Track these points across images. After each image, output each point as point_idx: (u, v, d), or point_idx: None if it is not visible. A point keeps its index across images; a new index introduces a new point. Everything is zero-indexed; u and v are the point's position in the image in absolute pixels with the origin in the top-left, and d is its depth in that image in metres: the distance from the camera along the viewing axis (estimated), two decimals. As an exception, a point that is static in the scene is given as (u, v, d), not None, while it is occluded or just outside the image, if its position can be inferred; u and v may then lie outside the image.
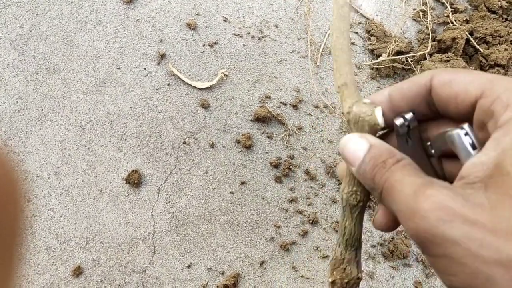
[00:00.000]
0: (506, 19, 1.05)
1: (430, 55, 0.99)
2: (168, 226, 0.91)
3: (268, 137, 0.98)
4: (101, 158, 0.93)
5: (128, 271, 0.88)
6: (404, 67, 1.00)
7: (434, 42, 1.00)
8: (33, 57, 0.97)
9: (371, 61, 1.02)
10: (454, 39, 0.98)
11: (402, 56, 0.99)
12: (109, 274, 0.88)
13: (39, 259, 0.88)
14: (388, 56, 0.98)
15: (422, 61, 0.99)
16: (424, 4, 1.04)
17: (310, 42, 1.02)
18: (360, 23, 1.08)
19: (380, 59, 1.00)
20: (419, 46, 1.02)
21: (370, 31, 1.05)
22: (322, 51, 1.04)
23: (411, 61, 0.99)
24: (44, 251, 0.88)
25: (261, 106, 0.98)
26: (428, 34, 1.02)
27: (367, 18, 1.08)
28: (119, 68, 0.98)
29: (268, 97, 1.00)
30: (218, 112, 0.98)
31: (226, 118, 0.98)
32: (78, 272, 0.87)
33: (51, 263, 0.88)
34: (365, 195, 0.35)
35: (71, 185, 0.92)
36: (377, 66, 1.01)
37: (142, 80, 0.98)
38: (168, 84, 0.99)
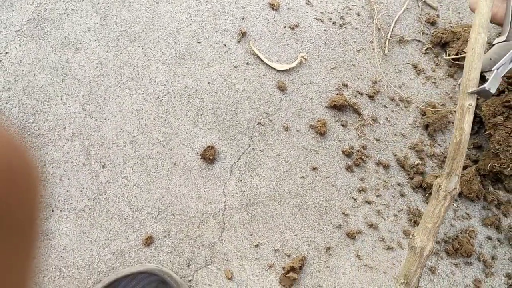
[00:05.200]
0: None
1: (512, 58, 0.98)
2: (238, 204, 0.92)
3: (342, 125, 0.98)
4: (177, 131, 0.94)
5: (197, 245, 0.89)
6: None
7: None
8: (114, 23, 0.97)
9: (448, 55, 1.02)
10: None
11: (483, 56, 0.98)
12: (179, 246, 0.89)
13: (111, 225, 0.89)
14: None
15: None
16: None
17: (379, 29, 1.01)
18: (433, 23, 1.07)
19: (452, 55, 0.99)
20: (499, 48, 1.01)
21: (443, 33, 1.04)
22: (389, 38, 1.03)
23: (491, 62, 0.99)
24: (117, 218, 0.89)
25: (338, 94, 0.98)
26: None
27: (431, 7, 1.07)
28: (199, 42, 0.98)
29: (345, 85, 0.99)
30: (294, 96, 0.98)
31: (301, 103, 0.98)
32: (149, 241, 0.88)
33: (123, 230, 0.89)
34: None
35: (145, 155, 0.92)
36: (457, 62, 1.01)
37: (221, 56, 0.98)
38: (247, 63, 0.98)
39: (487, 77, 0.69)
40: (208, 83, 0.96)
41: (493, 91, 0.67)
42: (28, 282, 0.21)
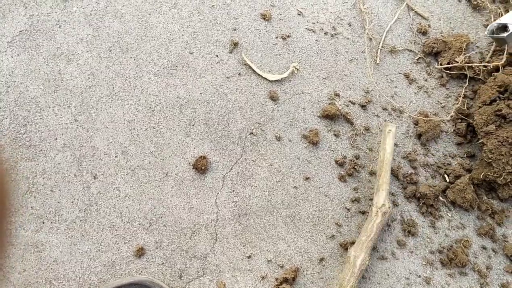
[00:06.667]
0: None
1: (503, 67, 0.99)
2: (231, 214, 0.91)
3: (335, 135, 0.97)
4: (169, 141, 0.93)
5: (189, 256, 0.89)
6: (475, 76, 1.00)
7: (507, 55, 0.99)
8: (107, 34, 0.97)
9: (440, 65, 1.02)
10: (527, 53, 0.98)
11: (476, 64, 0.99)
12: (171, 257, 0.88)
13: (102, 236, 0.88)
14: (461, 63, 0.98)
15: (494, 73, 0.98)
16: (500, 16, 1.04)
17: (371, 39, 1.01)
18: (425, 32, 1.07)
19: (447, 64, 1.00)
20: (490, 58, 1.02)
21: (437, 42, 1.05)
22: (381, 47, 1.04)
23: (483, 71, 0.99)
24: (108, 229, 0.88)
25: (330, 103, 0.98)
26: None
27: (422, 17, 1.08)
28: (191, 53, 0.98)
29: (337, 95, 0.99)
30: (287, 106, 0.98)
31: (294, 112, 0.98)
32: (140, 253, 0.87)
33: (114, 241, 0.88)
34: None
35: (137, 166, 0.92)
36: (449, 72, 1.01)
37: (213, 67, 0.98)
38: (239, 74, 0.98)
39: (509, 28, 0.88)
40: (200, 93, 0.96)
41: (508, 41, 0.83)
42: None
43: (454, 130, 1.00)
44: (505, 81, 0.95)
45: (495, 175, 0.92)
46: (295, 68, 0.99)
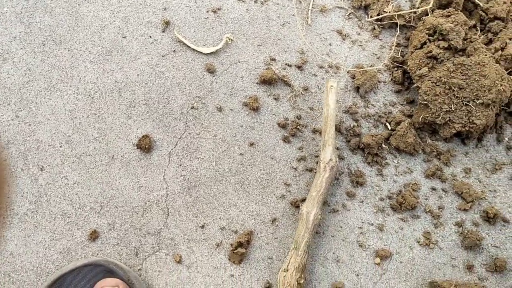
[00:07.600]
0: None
1: (432, 11, 1.00)
2: (180, 188, 0.93)
3: (275, 98, 0.99)
4: (111, 125, 0.95)
5: (143, 234, 0.90)
6: (407, 24, 1.02)
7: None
8: (39, 29, 0.99)
9: (371, 17, 1.04)
10: (454, -6, 1.00)
11: (405, 12, 1.00)
12: (125, 237, 0.89)
13: (55, 225, 0.89)
14: (390, 12, 1.00)
15: (423, 17, 1.00)
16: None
17: (300, 1, 1.03)
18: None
19: (380, 15, 1.01)
20: (420, 4, 1.03)
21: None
22: (311, 8, 1.05)
23: (414, 18, 1.01)
24: (60, 217, 0.90)
25: (266, 69, 1.00)
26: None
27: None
28: (124, 37, 1.00)
29: (273, 60, 1.01)
30: (224, 76, 1.00)
31: (232, 82, 0.99)
32: (94, 236, 0.88)
33: (67, 228, 0.89)
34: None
35: (83, 153, 0.93)
36: (380, 23, 1.02)
37: (148, 47, 0.99)
38: (174, 51, 1.00)
39: None
40: (138, 75, 0.98)
41: None
42: None
43: (391, 79, 1.01)
44: (433, 23, 0.96)
45: (433, 116, 0.93)
46: (229, 39, 1.00)
